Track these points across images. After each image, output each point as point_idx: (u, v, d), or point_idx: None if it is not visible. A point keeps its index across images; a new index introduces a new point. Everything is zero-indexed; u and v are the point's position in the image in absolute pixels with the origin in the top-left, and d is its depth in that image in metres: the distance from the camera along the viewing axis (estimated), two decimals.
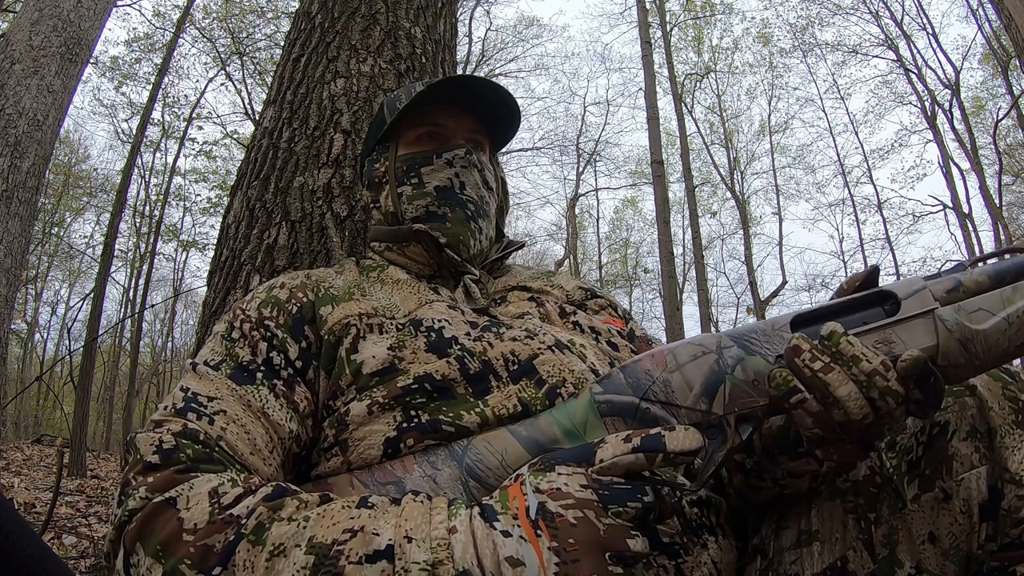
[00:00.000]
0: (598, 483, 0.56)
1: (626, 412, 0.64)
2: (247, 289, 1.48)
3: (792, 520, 0.73)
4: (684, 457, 0.56)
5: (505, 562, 0.52)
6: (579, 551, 0.52)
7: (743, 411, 0.62)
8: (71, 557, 2.45)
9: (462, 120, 0.99)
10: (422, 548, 0.53)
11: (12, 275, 3.92)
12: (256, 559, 0.56)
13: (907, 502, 0.66)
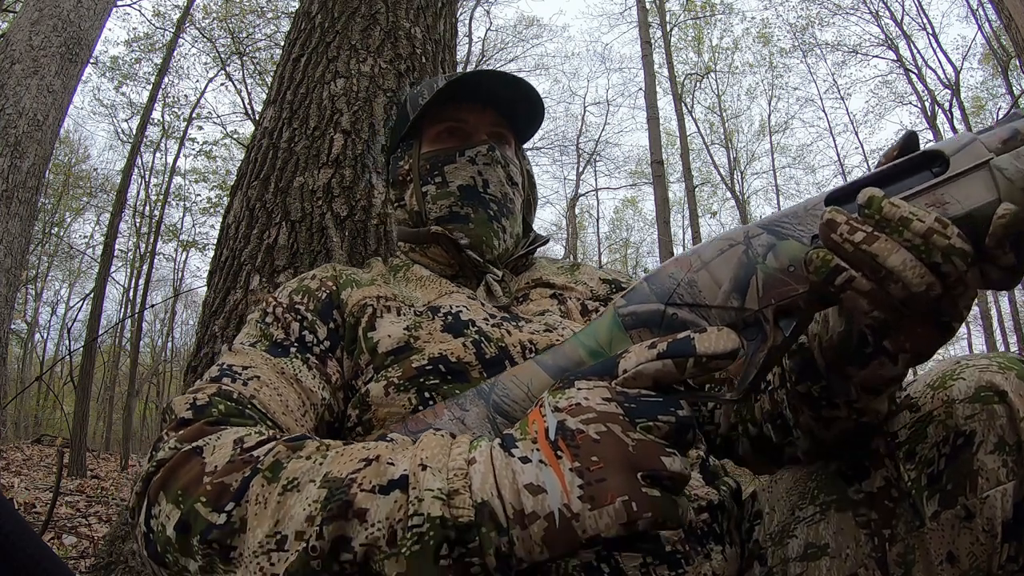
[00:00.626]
0: (623, 395, 0.51)
1: (652, 321, 0.57)
2: (247, 289, 1.48)
3: (800, 528, 0.68)
4: (719, 361, 0.50)
5: (525, 490, 0.47)
6: (604, 469, 0.47)
7: (781, 302, 0.54)
8: (71, 557, 2.45)
9: (484, 114, 0.97)
10: (437, 477, 0.49)
11: (12, 275, 3.92)
12: (269, 495, 0.53)
13: (926, 520, 0.60)
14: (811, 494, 0.70)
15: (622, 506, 0.46)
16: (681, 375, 0.51)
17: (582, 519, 0.46)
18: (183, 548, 0.54)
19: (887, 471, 0.64)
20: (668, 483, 0.48)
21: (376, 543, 0.48)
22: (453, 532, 0.47)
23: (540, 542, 0.47)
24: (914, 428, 0.63)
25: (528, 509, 0.47)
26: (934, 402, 0.63)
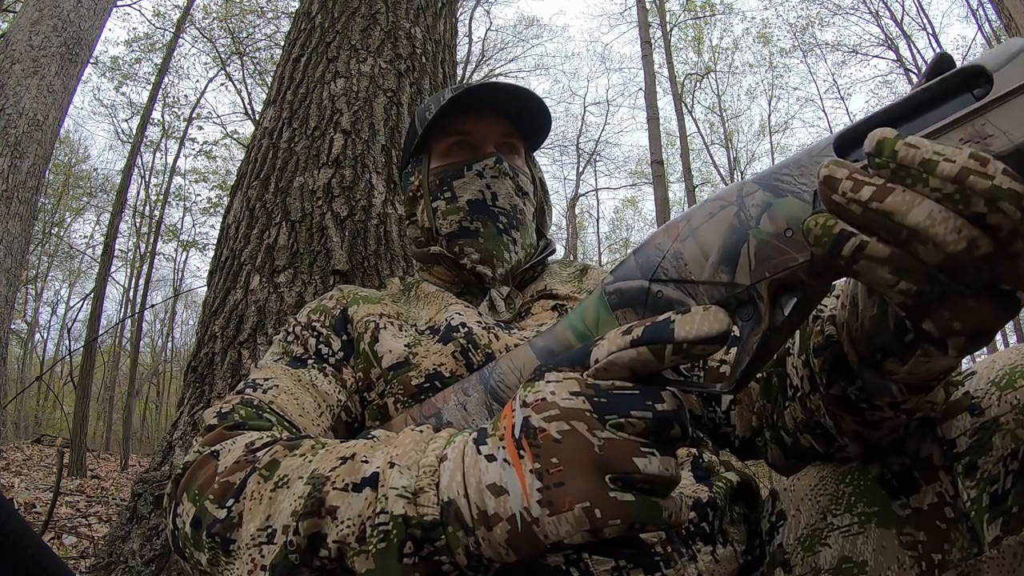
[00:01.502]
0: (594, 388, 0.46)
1: (636, 300, 0.51)
2: (247, 289, 1.48)
3: (834, 537, 0.61)
4: (703, 347, 0.44)
5: (487, 490, 0.45)
6: (564, 472, 0.43)
7: (777, 275, 0.44)
8: (71, 557, 2.45)
9: (491, 125, 0.97)
10: (404, 475, 0.48)
11: (12, 275, 3.92)
12: (264, 491, 0.55)
13: (985, 546, 0.52)
14: (846, 500, 0.63)
15: (582, 513, 0.42)
16: (660, 363, 0.45)
17: (542, 524, 0.43)
18: (196, 542, 0.58)
19: (941, 486, 0.56)
20: (644, 486, 0.43)
21: (346, 540, 0.48)
22: (418, 530, 0.46)
23: (504, 544, 0.44)
24: (976, 437, 0.55)
25: (491, 511, 0.45)
26: (1001, 406, 0.54)
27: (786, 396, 0.66)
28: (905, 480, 0.59)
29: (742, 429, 0.76)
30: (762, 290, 0.45)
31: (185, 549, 0.59)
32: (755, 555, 0.69)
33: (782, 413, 0.67)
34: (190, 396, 1.48)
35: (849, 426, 0.59)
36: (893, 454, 0.61)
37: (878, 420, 0.57)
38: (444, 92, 0.99)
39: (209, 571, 0.57)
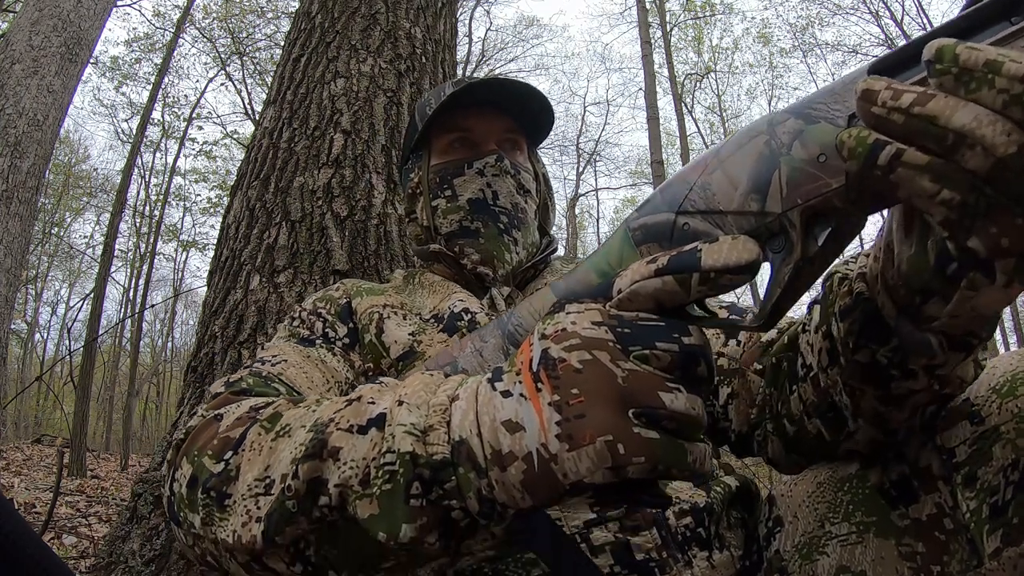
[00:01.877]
0: (617, 319, 0.43)
1: (662, 234, 0.48)
2: (247, 289, 1.48)
3: (832, 546, 0.61)
4: (731, 276, 0.42)
5: (502, 427, 0.42)
6: (585, 403, 0.40)
7: (810, 201, 0.42)
8: (71, 557, 2.45)
9: (492, 121, 0.95)
10: (413, 413, 0.45)
11: (12, 275, 3.92)
12: (264, 442, 0.52)
13: (984, 558, 0.51)
14: (845, 508, 0.62)
15: (604, 447, 0.39)
16: (687, 294, 0.43)
17: (561, 461, 0.40)
18: (191, 503, 0.55)
19: (940, 496, 0.55)
20: (669, 424, 0.40)
21: (348, 483, 0.45)
22: (427, 470, 0.43)
23: (519, 487, 0.41)
24: (976, 446, 0.53)
25: (505, 449, 0.41)
26: (1002, 414, 0.52)
27: (795, 379, 0.64)
28: (904, 490, 0.58)
29: (739, 423, 0.75)
30: (794, 218, 0.43)
31: (179, 513, 0.56)
32: (753, 560, 0.69)
33: (788, 399, 0.65)
34: (190, 396, 1.48)
35: (869, 404, 0.55)
36: (892, 463, 0.60)
37: (904, 394, 0.53)
38: (445, 86, 0.98)
39: (202, 532, 0.54)
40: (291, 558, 0.49)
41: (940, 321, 0.46)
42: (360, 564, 0.47)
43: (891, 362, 0.52)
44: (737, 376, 0.75)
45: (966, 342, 0.49)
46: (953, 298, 0.43)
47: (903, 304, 0.49)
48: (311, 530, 0.47)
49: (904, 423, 0.57)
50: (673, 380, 0.41)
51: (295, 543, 0.48)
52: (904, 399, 0.54)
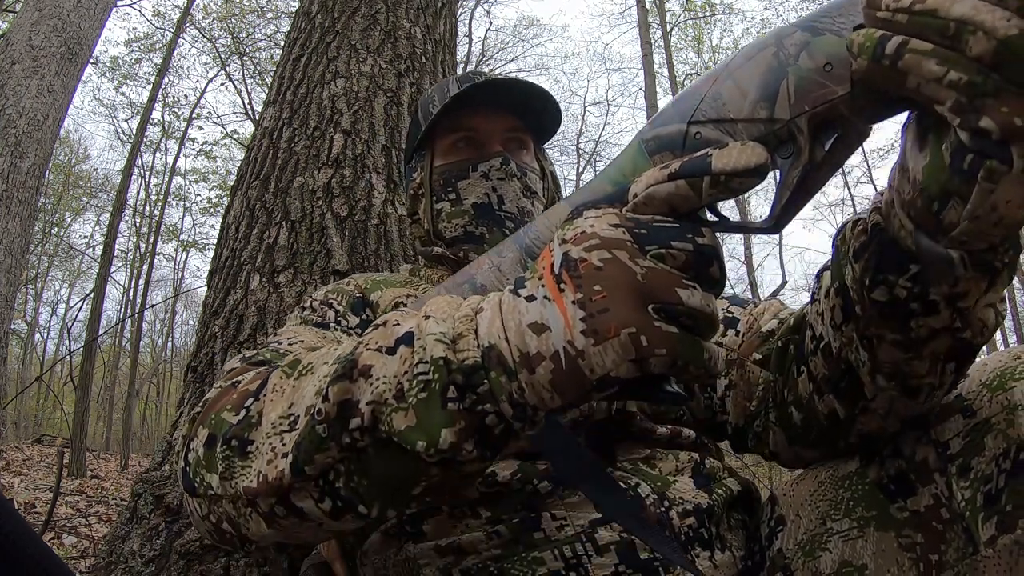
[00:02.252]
0: (633, 221, 0.45)
1: (674, 143, 0.50)
2: (247, 289, 1.48)
3: (834, 542, 0.61)
4: (741, 179, 0.43)
5: (528, 330, 0.43)
6: (608, 299, 0.41)
7: (816, 108, 0.44)
8: (71, 557, 2.45)
9: (497, 120, 0.92)
10: (441, 324, 0.46)
11: (12, 275, 3.92)
12: (285, 385, 0.53)
13: (980, 546, 0.52)
14: (845, 505, 0.63)
15: (628, 339, 0.40)
16: (699, 198, 0.44)
17: (587, 356, 0.41)
18: (208, 463, 0.55)
19: (936, 488, 0.56)
20: (686, 320, 0.42)
21: (382, 398, 0.45)
22: (459, 376, 0.43)
23: (548, 386, 0.42)
24: (969, 438, 0.55)
25: (532, 350, 0.42)
26: (992, 407, 0.54)
27: (803, 359, 0.64)
28: (902, 483, 0.59)
29: (736, 416, 0.75)
30: (802, 124, 0.45)
31: (195, 478, 0.56)
32: (754, 560, 0.69)
33: (796, 382, 0.65)
34: (190, 396, 1.48)
35: (888, 353, 0.55)
36: (889, 458, 0.61)
37: (925, 337, 0.52)
38: (448, 83, 0.95)
39: (220, 491, 0.54)
40: (320, 493, 0.49)
41: (961, 228, 0.44)
42: (391, 493, 0.48)
43: (910, 294, 0.51)
44: (736, 367, 0.75)
45: (988, 263, 0.47)
46: (972, 196, 0.42)
47: (920, 218, 0.47)
48: (341, 459, 0.47)
49: (924, 381, 0.55)
50: (689, 278, 0.43)
51: (324, 474, 0.48)
52: (924, 344, 0.53)
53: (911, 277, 0.50)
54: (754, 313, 0.80)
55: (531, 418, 0.44)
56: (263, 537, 0.55)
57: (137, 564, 1.25)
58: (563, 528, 0.65)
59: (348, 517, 0.50)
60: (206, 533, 0.61)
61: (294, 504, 0.50)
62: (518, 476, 0.66)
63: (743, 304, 0.83)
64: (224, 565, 1.15)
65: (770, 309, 0.79)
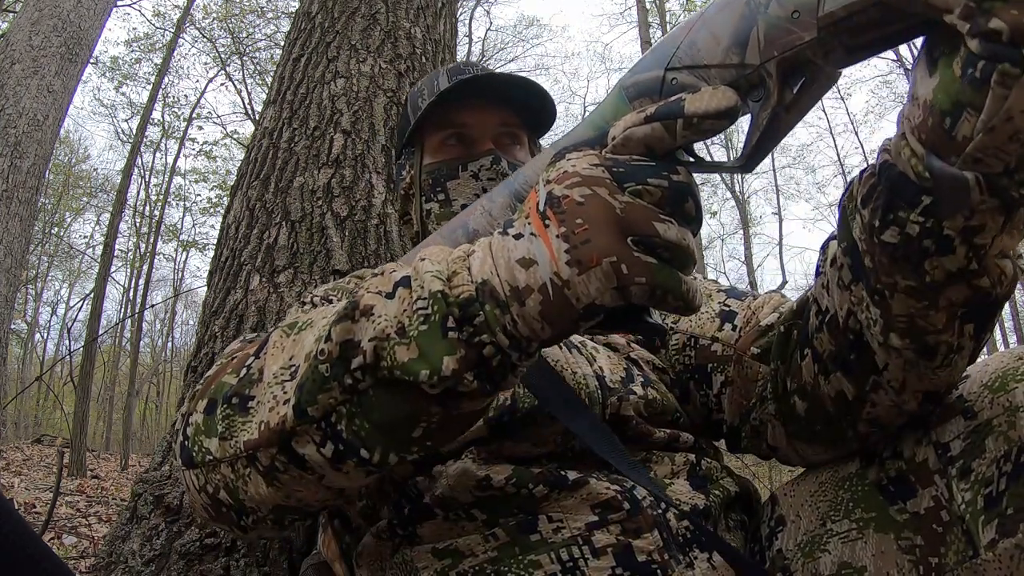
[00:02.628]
0: (612, 161, 0.47)
1: (652, 89, 0.52)
2: (247, 289, 1.48)
3: (834, 543, 0.61)
4: (712, 121, 0.45)
5: (517, 265, 0.45)
6: (590, 231, 0.43)
7: (785, 53, 0.46)
8: (71, 557, 2.45)
9: (489, 115, 0.89)
10: (436, 264, 0.48)
11: (12, 275, 3.92)
12: (285, 341, 0.55)
13: (980, 549, 0.51)
14: (845, 506, 0.62)
15: (610, 267, 0.43)
16: (674, 139, 0.46)
17: (573, 285, 0.43)
18: (208, 428, 0.56)
19: (936, 490, 0.55)
20: (663, 252, 0.44)
21: (384, 333, 0.47)
22: (456, 309, 0.45)
23: (538, 317, 0.44)
24: (969, 440, 0.54)
25: (522, 284, 0.45)
26: (993, 408, 0.54)
27: (807, 341, 0.62)
28: (901, 485, 0.58)
29: (732, 414, 0.75)
30: (771, 69, 0.47)
31: (193, 447, 0.57)
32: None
33: (799, 368, 0.64)
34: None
35: (901, 304, 0.52)
36: (889, 459, 0.60)
37: (941, 281, 0.49)
38: (438, 75, 0.92)
39: (219, 454, 0.55)
40: (322, 437, 0.50)
41: (975, 142, 0.42)
42: (392, 435, 0.49)
43: (923, 230, 0.48)
44: (733, 363, 0.74)
45: (1004, 191, 0.44)
46: (985, 104, 0.40)
47: (932, 138, 0.44)
48: (343, 400, 0.48)
49: (941, 338, 0.52)
50: (665, 213, 0.45)
51: (326, 416, 0.49)
52: (940, 290, 0.50)
53: (924, 210, 0.47)
54: (752, 306, 0.78)
55: (526, 349, 0.46)
56: (262, 501, 0.56)
57: (137, 564, 1.25)
58: (560, 530, 0.64)
59: (350, 463, 0.51)
60: (202, 509, 0.61)
61: (295, 451, 0.51)
62: (512, 480, 0.66)
63: (741, 297, 0.81)
64: (224, 565, 1.15)
65: (770, 302, 0.77)
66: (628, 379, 0.75)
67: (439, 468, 0.68)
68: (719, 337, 0.77)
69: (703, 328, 0.79)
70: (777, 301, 0.77)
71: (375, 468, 0.52)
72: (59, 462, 2.82)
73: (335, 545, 0.78)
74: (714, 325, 0.78)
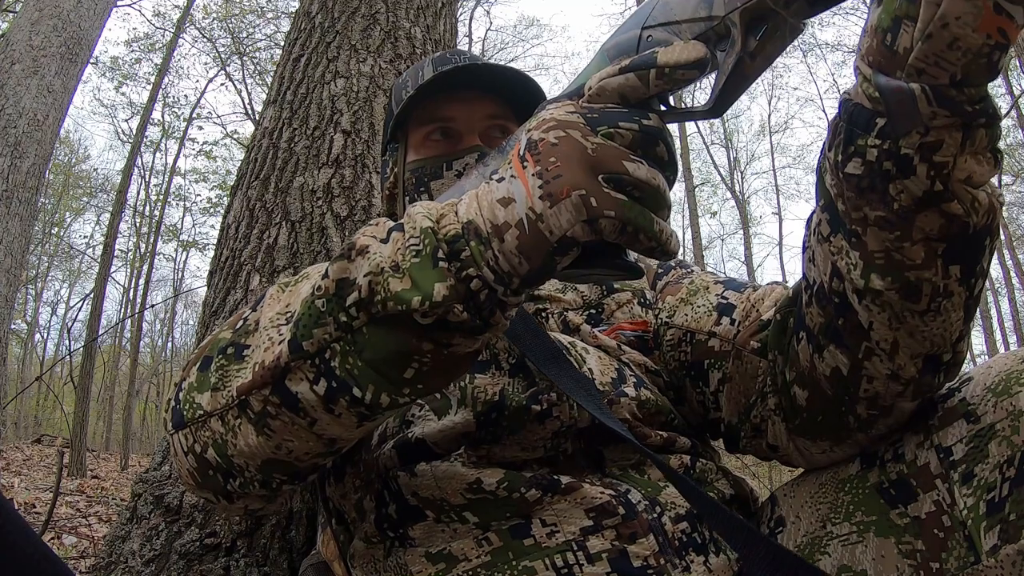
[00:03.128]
0: (587, 108, 0.50)
1: (630, 47, 0.56)
2: (247, 289, 1.48)
3: (833, 546, 0.60)
4: (683, 72, 0.48)
5: (497, 204, 0.48)
6: (561, 167, 0.46)
7: (748, 3, 0.49)
8: (71, 557, 2.45)
9: (475, 107, 0.84)
10: (425, 208, 0.51)
11: (12, 275, 3.92)
12: (280, 294, 0.58)
13: (982, 555, 0.51)
14: (845, 509, 0.62)
15: (579, 199, 0.45)
16: (647, 88, 0.49)
17: (545, 218, 0.46)
18: (201, 384, 0.59)
19: (938, 494, 0.55)
20: (633, 190, 0.46)
21: (379, 267, 0.49)
22: (445, 245, 0.48)
23: (516, 251, 0.47)
24: (972, 444, 0.54)
25: (501, 220, 0.47)
26: (997, 412, 0.53)
27: (801, 323, 0.62)
28: (902, 488, 0.58)
29: (730, 412, 0.73)
30: (735, 19, 0.50)
31: (184, 408, 0.59)
32: None
33: (795, 354, 0.63)
34: None
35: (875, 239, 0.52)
36: (891, 462, 0.60)
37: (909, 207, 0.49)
38: (424, 65, 0.89)
39: (210, 407, 0.57)
40: (315, 373, 0.52)
41: (915, 52, 0.44)
42: (384, 373, 0.51)
43: (881, 152, 0.49)
44: (731, 359, 0.72)
45: (956, 105, 0.45)
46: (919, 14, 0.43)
47: (877, 56, 0.47)
48: (337, 337, 0.50)
49: (923, 276, 0.52)
50: (636, 155, 0.47)
51: (320, 352, 0.51)
52: (910, 218, 0.50)
53: (879, 132, 0.49)
54: (752, 299, 0.74)
55: (509, 284, 0.48)
56: (251, 455, 0.57)
57: (137, 564, 1.25)
58: (553, 535, 0.63)
59: (342, 402, 0.52)
60: (188, 475, 0.62)
61: (289, 390, 0.53)
62: (504, 484, 0.65)
63: (739, 289, 0.78)
64: (224, 565, 1.15)
65: (771, 295, 0.74)
66: (620, 380, 0.74)
67: (423, 466, 0.68)
68: (716, 332, 0.74)
69: (699, 323, 0.77)
70: (779, 294, 0.74)
71: (367, 411, 0.53)
72: (59, 462, 2.82)
73: (334, 545, 0.78)
74: (711, 319, 0.76)
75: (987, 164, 0.49)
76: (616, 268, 0.52)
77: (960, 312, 0.54)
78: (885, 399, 0.58)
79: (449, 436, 0.69)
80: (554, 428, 0.69)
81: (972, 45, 0.42)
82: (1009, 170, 15.09)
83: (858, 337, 0.57)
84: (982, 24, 0.41)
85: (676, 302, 0.81)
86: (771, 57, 0.51)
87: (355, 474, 0.74)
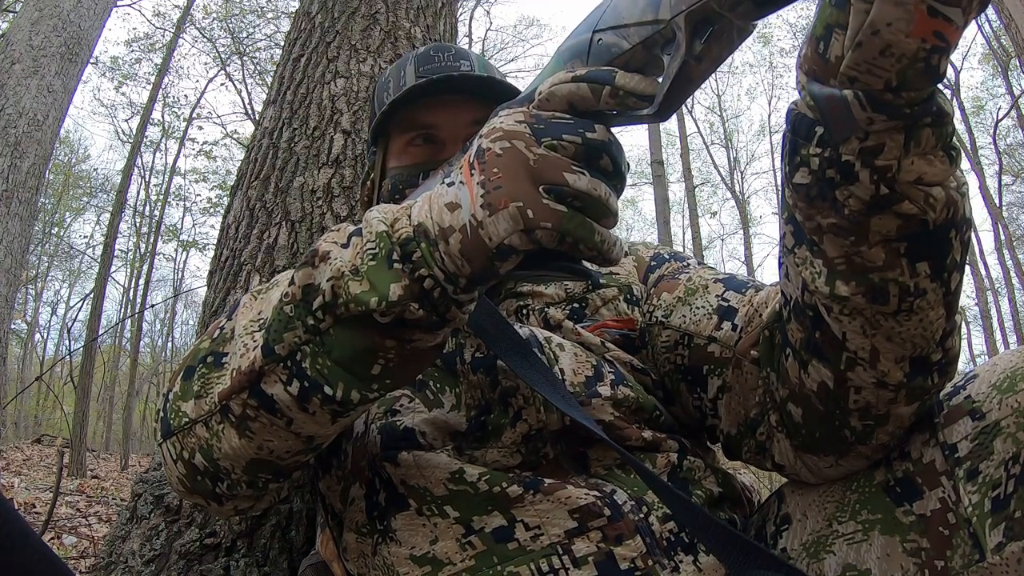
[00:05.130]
0: (536, 117, 0.51)
1: (582, 50, 0.57)
2: (247, 289, 1.48)
3: (839, 544, 0.60)
4: (634, 99, 0.50)
5: (445, 208, 0.50)
6: (502, 178, 0.48)
7: (692, 7, 0.48)
8: (71, 557, 2.45)
9: (459, 113, 0.81)
10: (381, 212, 0.53)
11: (12, 275, 3.92)
12: (253, 302, 0.62)
13: (987, 553, 0.51)
14: (852, 507, 0.61)
15: (516, 211, 0.47)
16: (596, 101, 0.51)
17: (485, 226, 0.47)
18: (185, 392, 0.61)
19: (943, 491, 0.54)
20: (574, 201, 0.47)
21: (340, 272, 0.51)
22: (398, 247, 0.50)
23: (459, 254, 0.49)
24: (977, 441, 0.53)
25: (447, 224, 0.49)
26: (1002, 409, 0.53)
27: (785, 339, 0.61)
28: (908, 486, 0.57)
29: (730, 422, 0.70)
30: (680, 22, 0.49)
31: (171, 417, 0.62)
32: None
33: (785, 370, 0.62)
34: None
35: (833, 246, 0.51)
36: (896, 460, 0.59)
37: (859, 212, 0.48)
38: (405, 65, 0.86)
39: (194, 414, 0.60)
40: (288, 375, 0.54)
41: (847, 60, 0.43)
42: (352, 371, 0.53)
43: (823, 160, 0.48)
44: (731, 367, 0.69)
45: (894, 108, 0.44)
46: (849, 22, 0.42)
47: (810, 65, 0.47)
48: (306, 340, 0.53)
49: (888, 276, 0.51)
50: (579, 166, 0.48)
51: (292, 355, 0.53)
52: (863, 222, 0.49)
53: (819, 140, 0.48)
54: (755, 302, 0.70)
55: (458, 284, 0.50)
56: (236, 457, 0.59)
57: (137, 564, 1.25)
58: (537, 538, 0.63)
59: (315, 401, 0.54)
60: (178, 481, 0.64)
61: (265, 392, 0.55)
62: (486, 477, 0.65)
63: (740, 288, 0.73)
64: (224, 565, 1.15)
65: (774, 298, 0.68)
66: (596, 378, 0.72)
67: (405, 455, 0.68)
68: (717, 337, 0.70)
69: (698, 325, 0.73)
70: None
71: (340, 408, 0.55)
72: (59, 462, 2.82)
73: (333, 545, 0.78)
74: (711, 323, 0.71)
75: (940, 163, 0.47)
76: (563, 271, 0.54)
77: (940, 309, 0.53)
78: (878, 407, 0.57)
79: (439, 428, 0.70)
80: (523, 431, 0.69)
81: (907, 50, 0.41)
82: (1009, 170, 15.09)
83: (836, 348, 0.56)
84: (916, 28, 0.40)
85: (673, 300, 0.77)
86: (718, 60, 0.51)
87: (341, 464, 0.75)
